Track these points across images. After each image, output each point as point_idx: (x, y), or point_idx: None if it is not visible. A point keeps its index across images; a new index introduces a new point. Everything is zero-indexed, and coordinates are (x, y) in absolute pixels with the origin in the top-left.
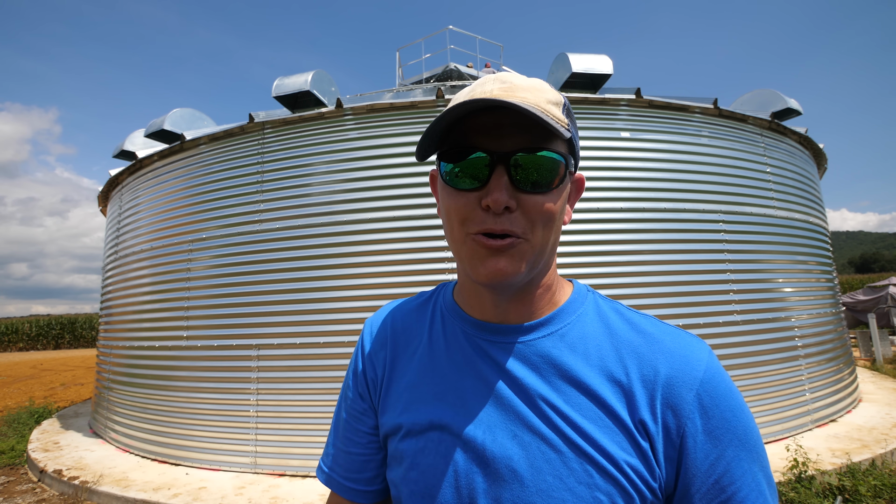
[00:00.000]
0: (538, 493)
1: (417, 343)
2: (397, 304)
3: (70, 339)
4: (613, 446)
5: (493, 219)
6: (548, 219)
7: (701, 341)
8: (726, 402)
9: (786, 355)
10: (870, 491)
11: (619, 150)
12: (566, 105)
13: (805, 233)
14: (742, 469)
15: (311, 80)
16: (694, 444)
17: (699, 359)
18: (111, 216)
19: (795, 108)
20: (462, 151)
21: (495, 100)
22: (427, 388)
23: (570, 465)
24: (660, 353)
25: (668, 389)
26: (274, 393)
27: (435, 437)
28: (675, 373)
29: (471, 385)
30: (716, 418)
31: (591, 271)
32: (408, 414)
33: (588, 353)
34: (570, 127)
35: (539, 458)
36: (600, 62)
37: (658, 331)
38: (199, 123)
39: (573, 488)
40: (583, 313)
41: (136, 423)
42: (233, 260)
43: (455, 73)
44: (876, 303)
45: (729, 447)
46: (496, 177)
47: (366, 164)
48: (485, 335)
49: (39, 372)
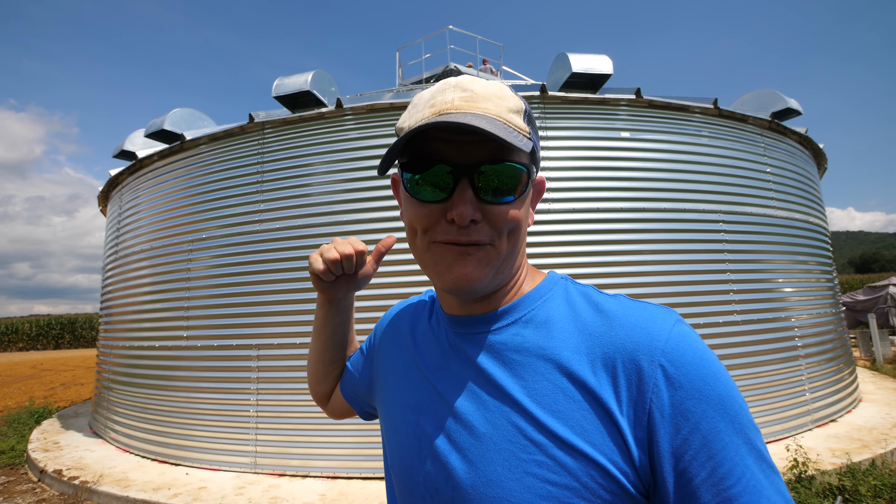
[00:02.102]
0: (489, 483)
1: (415, 334)
2: (423, 299)
3: (70, 339)
4: (574, 436)
5: (458, 230)
6: (514, 226)
7: (669, 311)
8: (695, 370)
9: (786, 355)
10: (870, 491)
11: (619, 150)
12: (527, 111)
13: (805, 233)
14: (722, 442)
15: (311, 80)
16: (661, 418)
17: (661, 328)
18: (111, 216)
19: (795, 108)
20: (424, 162)
21: (457, 123)
22: (414, 375)
23: (521, 457)
24: (621, 329)
25: (629, 365)
26: (274, 393)
27: (412, 419)
28: (634, 346)
29: (444, 378)
30: (684, 388)
31: (592, 271)
32: (398, 394)
33: (551, 339)
34: (532, 135)
35: (491, 450)
36: (600, 62)
37: (622, 308)
38: (199, 123)
39: (522, 479)
40: (549, 298)
41: (136, 423)
42: (233, 260)
43: (455, 72)
44: (876, 303)
45: (703, 419)
46: (460, 190)
47: (366, 164)
48: (457, 329)
49: (39, 372)
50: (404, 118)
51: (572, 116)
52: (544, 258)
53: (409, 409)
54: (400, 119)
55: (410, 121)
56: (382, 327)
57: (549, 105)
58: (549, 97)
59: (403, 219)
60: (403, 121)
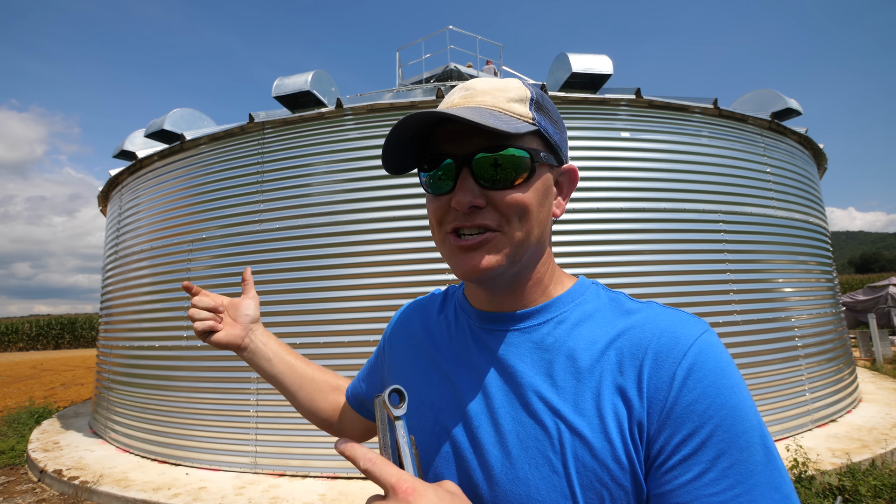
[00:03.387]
0: (514, 480)
1: (431, 331)
2: (435, 293)
3: (70, 339)
4: (599, 436)
5: (463, 217)
6: (521, 211)
7: (699, 320)
8: (713, 377)
9: (786, 355)
10: (870, 491)
11: (619, 150)
12: (534, 99)
13: (805, 233)
14: (719, 449)
15: (311, 80)
16: (671, 419)
17: (690, 334)
18: (111, 216)
19: (795, 108)
20: (435, 160)
21: (439, 114)
22: (432, 373)
23: (547, 455)
24: (650, 333)
25: (653, 365)
26: (274, 393)
27: (430, 416)
28: (662, 349)
29: (465, 373)
30: (697, 392)
31: (592, 271)
32: (410, 395)
33: (581, 339)
34: (537, 119)
35: (517, 446)
36: (600, 62)
37: (653, 314)
38: (199, 123)
39: (548, 477)
40: (581, 302)
41: (136, 423)
42: (233, 260)
43: (455, 73)
44: (876, 303)
45: (709, 424)
46: (461, 179)
47: (366, 164)
48: (482, 324)
49: (39, 372)
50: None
51: (572, 116)
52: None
53: (426, 408)
54: None
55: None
56: (390, 330)
57: None
58: (550, 97)
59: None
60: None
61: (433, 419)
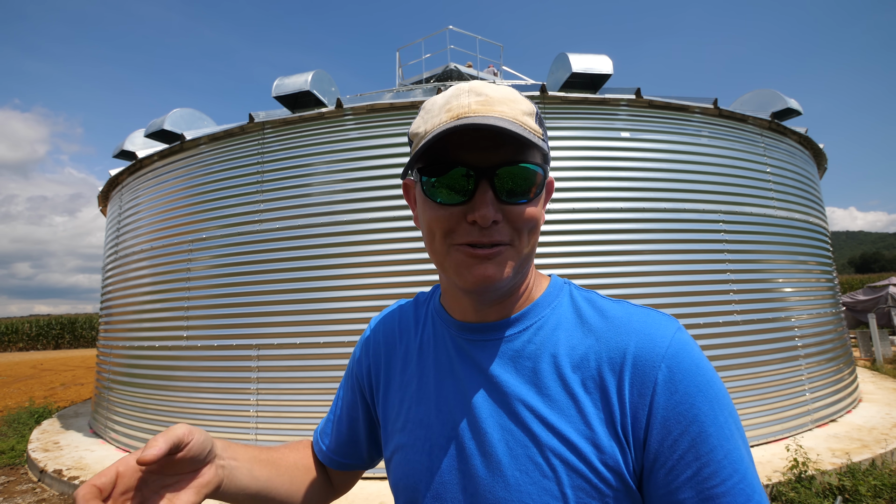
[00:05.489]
0: (506, 487)
1: (410, 345)
2: (401, 304)
3: (70, 339)
4: (585, 440)
5: (480, 231)
6: (532, 225)
7: (670, 318)
8: (690, 376)
9: (786, 355)
10: (870, 491)
11: (619, 150)
12: (538, 114)
13: (805, 233)
14: (709, 445)
15: (311, 80)
16: (656, 420)
17: (663, 335)
18: (111, 216)
19: (795, 108)
20: (443, 166)
21: (484, 125)
22: (416, 388)
23: (536, 461)
24: (626, 336)
25: (633, 370)
26: (274, 393)
27: (421, 434)
28: (639, 352)
29: (451, 386)
30: (679, 393)
31: (592, 271)
32: (402, 411)
33: (560, 345)
34: (544, 136)
35: (506, 455)
36: (600, 62)
37: (626, 314)
38: (199, 123)
39: (539, 482)
40: (557, 306)
41: (137, 423)
42: (233, 260)
43: (455, 73)
44: (876, 303)
45: (693, 422)
46: (481, 192)
47: (366, 164)
48: (466, 335)
49: (39, 372)
50: (418, 123)
51: (572, 116)
52: (545, 258)
53: (413, 425)
54: (413, 125)
55: (427, 126)
56: (371, 351)
57: (549, 105)
58: (549, 97)
59: (419, 222)
60: (418, 126)
61: (423, 437)
